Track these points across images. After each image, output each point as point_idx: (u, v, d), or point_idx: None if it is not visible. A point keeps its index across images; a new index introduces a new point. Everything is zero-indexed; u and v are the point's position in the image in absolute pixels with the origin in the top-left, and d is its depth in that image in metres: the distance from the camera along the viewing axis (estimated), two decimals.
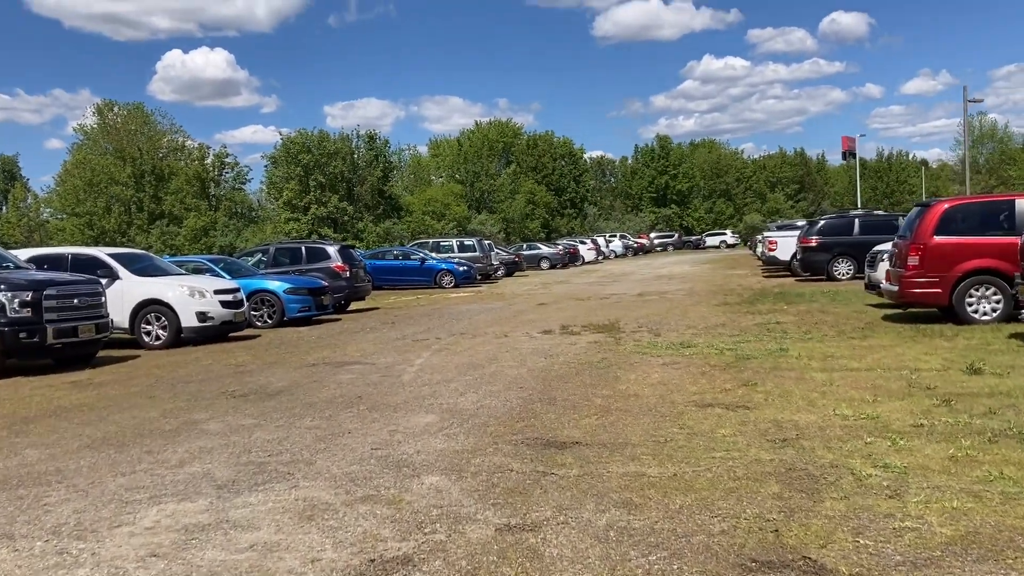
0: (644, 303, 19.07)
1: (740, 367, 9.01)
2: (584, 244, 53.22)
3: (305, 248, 21.36)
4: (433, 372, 9.83)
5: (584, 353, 10.84)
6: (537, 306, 19.85)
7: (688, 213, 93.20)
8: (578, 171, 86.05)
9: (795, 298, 18.21)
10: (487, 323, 15.98)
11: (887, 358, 9.07)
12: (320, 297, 18.01)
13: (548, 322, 15.50)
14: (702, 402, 7.15)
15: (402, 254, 31.88)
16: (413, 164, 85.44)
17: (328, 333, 15.60)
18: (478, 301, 22.82)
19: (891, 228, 23.44)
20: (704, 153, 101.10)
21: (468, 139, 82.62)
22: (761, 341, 11.12)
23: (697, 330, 12.90)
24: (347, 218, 62.42)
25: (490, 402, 7.69)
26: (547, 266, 45.43)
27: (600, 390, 8.01)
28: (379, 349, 12.52)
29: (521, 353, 11.16)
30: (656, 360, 9.89)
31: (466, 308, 20.23)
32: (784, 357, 9.54)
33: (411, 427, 6.78)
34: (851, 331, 11.67)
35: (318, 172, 61.96)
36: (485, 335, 13.79)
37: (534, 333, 13.69)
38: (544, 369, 9.61)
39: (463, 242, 34.97)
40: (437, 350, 12.01)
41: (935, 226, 11.66)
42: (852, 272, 23.23)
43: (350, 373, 10.15)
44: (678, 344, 11.18)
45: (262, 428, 7.07)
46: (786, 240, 26.86)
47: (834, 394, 7.17)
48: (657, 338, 12.08)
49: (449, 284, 29.86)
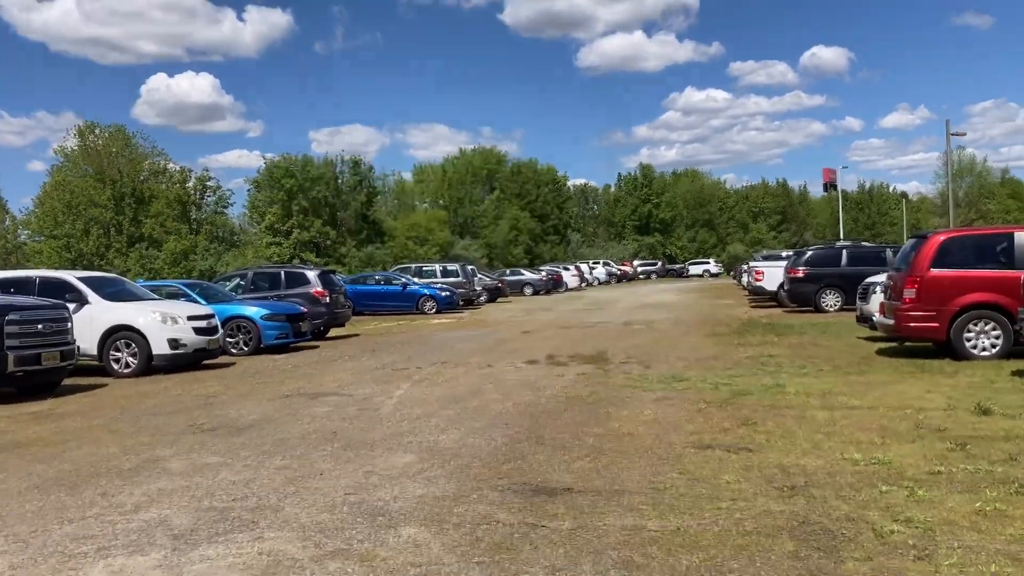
0: (631, 333, 18.67)
1: (737, 404, 8.59)
2: (568, 271, 52.85)
3: (284, 273, 20.85)
4: (413, 405, 9.35)
5: (572, 386, 10.40)
6: (521, 334, 19.40)
7: (671, 242, 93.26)
8: (561, 198, 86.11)
9: (785, 329, 17.88)
10: (470, 352, 15.51)
11: (889, 396, 8.68)
12: (298, 323, 17.49)
13: (533, 351, 15.05)
14: (701, 443, 6.71)
15: (384, 279, 31.39)
16: (397, 190, 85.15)
17: (305, 361, 15.08)
18: (461, 328, 22.35)
19: (879, 260, 23.29)
20: (687, 183, 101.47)
21: (452, 165, 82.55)
22: (756, 376, 10.72)
23: (688, 362, 12.49)
24: (329, 243, 61.96)
25: (474, 440, 7.22)
26: (530, 292, 45.02)
27: (591, 428, 7.56)
28: (357, 379, 12.02)
29: (506, 385, 10.70)
30: (648, 395, 9.45)
31: (448, 335, 19.76)
32: (782, 393, 9.13)
33: (388, 468, 6.30)
34: (847, 366, 11.30)
35: (301, 197, 61.55)
36: (468, 365, 13.32)
37: (519, 363, 13.24)
38: (531, 404, 9.15)
39: (446, 267, 34.53)
40: (417, 381, 11.53)
41: (932, 258, 11.35)
42: (840, 304, 22.97)
43: (326, 406, 9.65)
44: (670, 377, 10.76)
45: (228, 467, 6.56)
46: (773, 270, 26.59)
47: (839, 435, 6.76)
48: (647, 371, 11.66)
49: (431, 310, 29.38)
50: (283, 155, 63.04)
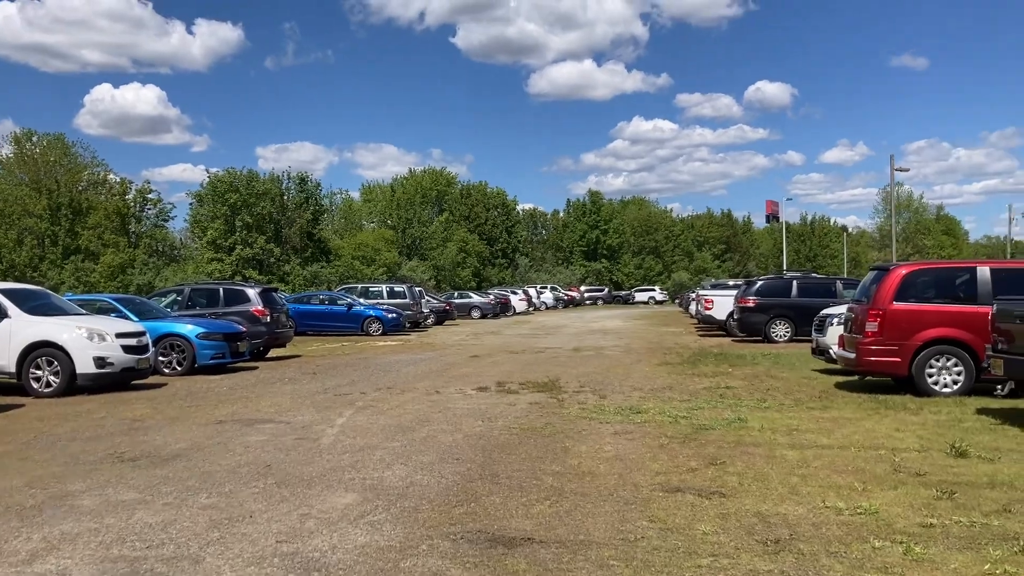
0: (583, 359, 18.21)
1: (700, 440, 8.13)
2: (516, 295, 52.42)
3: (223, 290, 19.94)
4: (356, 435, 8.70)
5: (525, 416, 9.84)
6: (470, 358, 18.81)
7: (618, 268, 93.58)
8: (511, 222, 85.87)
9: (737, 360, 17.60)
10: (417, 376, 14.87)
11: (857, 434, 8.31)
12: (236, 343, 16.64)
13: (483, 377, 14.47)
14: (669, 485, 6.21)
15: (328, 299, 30.52)
16: (344, 208, 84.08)
17: (242, 383, 14.27)
18: (407, 351, 21.66)
19: (829, 291, 23.31)
20: (634, 210, 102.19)
21: (401, 186, 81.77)
22: (716, 408, 10.30)
23: (644, 392, 12.04)
24: (273, 260, 60.62)
25: (422, 478, 6.62)
26: (478, 315, 44.44)
27: (549, 465, 7.01)
28: (296, 404, 11.30)
29: (455, 414, 10.11)
30: (606, 427, 8.95)
31: (394, 359, 19.07)
32: (745, 429, 8.71)
33: (327, 510, 5.66)
34: (808, 400, 10.96)
35: (245, 212, 60.15)
36: (415, 390, 12.69)
37: (468, 390, 12.65)
38: (482, 435, 8.57)
39: (393, 288, 33.73)
40: (361, 407, 10.86)
41: (895, 291, 11.11)
42: (790, 334, 22.89)
43: (261, 434, 8.93)
44: (627, 409, 10.28)
45: (146, 506, 5.86)
46: (723, 299, 26.48)
47: (816, 478, 6.32)
48: (603, 400, 11.17)
49: (377, 332, 28.59)
50: (227, 169, 61.55)
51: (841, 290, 23.17)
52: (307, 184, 64.47)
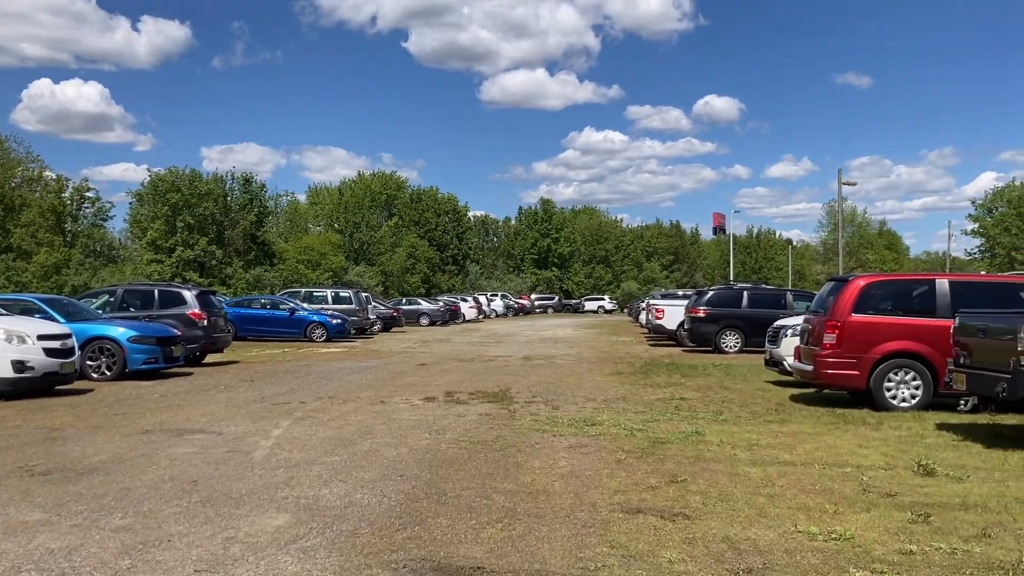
0: (533, 368, 17.78)
1: (658, 454, 7.74)
2: (466, 302, 51.86)
3: (158, 291, 19.06)
4: (292, 448, 8.12)
5: (475, 428, 9.36)
6: (417, 367, 18.24)
7: (568, 277, 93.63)
8: (461, 228, 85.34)
9: (689, 370, 17.34)
10: (361, 385, 14.27)
11: (820, 450, 8.00)
12: (170, 347, 15.84)
13: (430, 387, 13.95)
14: (628, 505, 5.78)
15: (270, 303, 29.62)
16: (290, 211, 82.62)
17: (175, 390, 13.52)
18: (352, 358, 21.00)
19: (778, 302, 23.27)
20: (585, 219, 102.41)
21: (350, 189, 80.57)
22: (671, 421, 9.94)
23: (597, 404, 11.64)
24: (215, 262, 59.14)
25: (362, 497, 6.09)
26: (427, 323, 43.80)
27: (501, 482, 6.53)
28: (231, 414, 10.64)
29: (400, 426, 9.57)
30: (560, 441, 8.51)
31: (338, 366, 18.41)
32: (704, 443, 8.35)
33: (255, 533, 5.11)
34: (765, 413, 10.67)
35: (187, 212, 58.63)
36: (358, 400, 12.11)
37: (415, 400, 12.11)
38: (429, 449, 8.06)
39: (338, 293, 32.92)
40: (300, 418, 10.26)
41: (854, 303, 10.89)
42: (740, 345, 22.78)
43: (190, 445, 8.30)
44: (580, 421, 9.86)
45: (52, 528, 5.24)
46: (674, 309, 26.33)
47: (783, 499, 5.96)
48: (555, 412, 10.73)
49: (320, 338, 27.82)
50: (169, 168, 59.95)
51: (791, 301, 23.16)
52: (252, 185, 63.18)
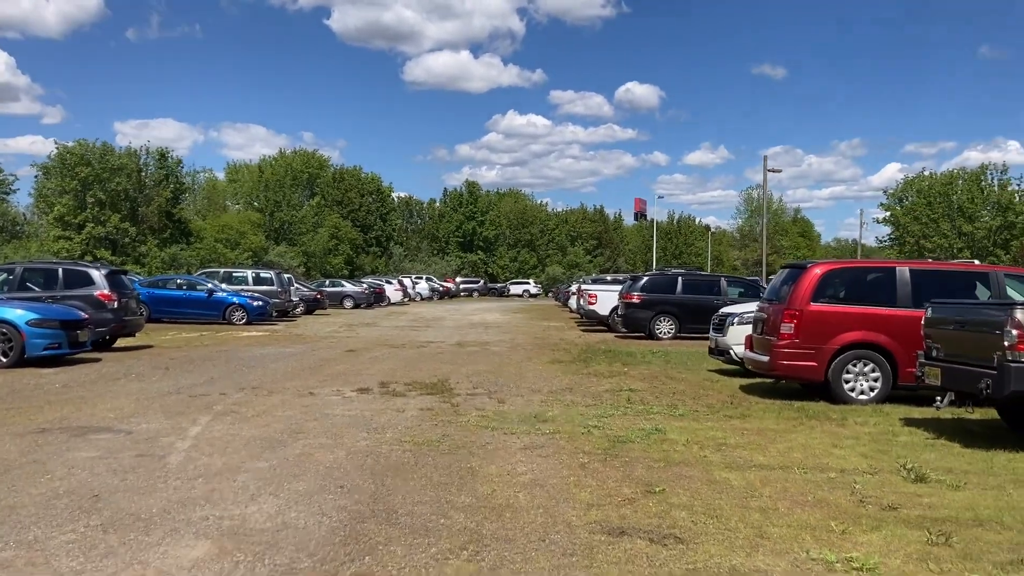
0: (469, 356, 16.97)
1: (623, 457, 7.06)
2: (390, 284, 50.62)
3: (63, 270, 17.51)
4: (213, 451, 7.16)
5: (418, 426, 8.53)
6: (346, 353, 17.24)
7: (494, 260, 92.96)
8: (385, 209, 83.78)
9: (628, 358, 16.81)
10: (287, 374, 13.25)
11: (793, 451, 7.44)
12: (75, 331, 14.49)
13: (363, 376, 13.03)
14: (609, 524, 5.06)
15: (187, 284, 28.01)
16: (208, 188, 79.60)
17: (79, 379, 12.28)
18: (275, 343, 19.84)
19: (713, 288, 22.98)
20: (510, 202, 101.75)
21: (270, 166, 78.03)
22: (626, 416, 9.30)
23: (544, 396, 10.93)
24: (128, 240, 56.41)
25: (298, 516, 5.21)
26: (351, 305, 42.50)
27: (457, 495, 5.74)
28: (142, 408, 9.56)
29: (335, 423, 8.67)
30: (513, 441, 7.76)
31: (261, 352, 17.28)
32: (668, 443, 7.71)
33: (169, 570, 4.21)
34: (721, 407, 10.12)
35: (98, 188, 55.71)
36: (284, 391, 11.13)
37: (347, 392, 11.19)
38: (370, 452, 7.20)
39: (259, 274, 31.42)
40: (221, 413, 9.26)
41: (812, 291, 10.42)
42: (674, 331, 22.41)
43: (93, 448, 7.25)
44: (531, 416, 9.13)
45: None
46: (606, 294, 25.83)
47: (777, 514, 5.33)
48: (502, 406, 9.97)
49: (240, 320, 26.43)
50: (79, 140, 56.78)
51: (725, 287, 22.91)
52: (167, 160, 60.52)
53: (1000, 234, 65.53)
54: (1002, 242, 65.32)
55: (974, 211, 66.99)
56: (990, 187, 68.00)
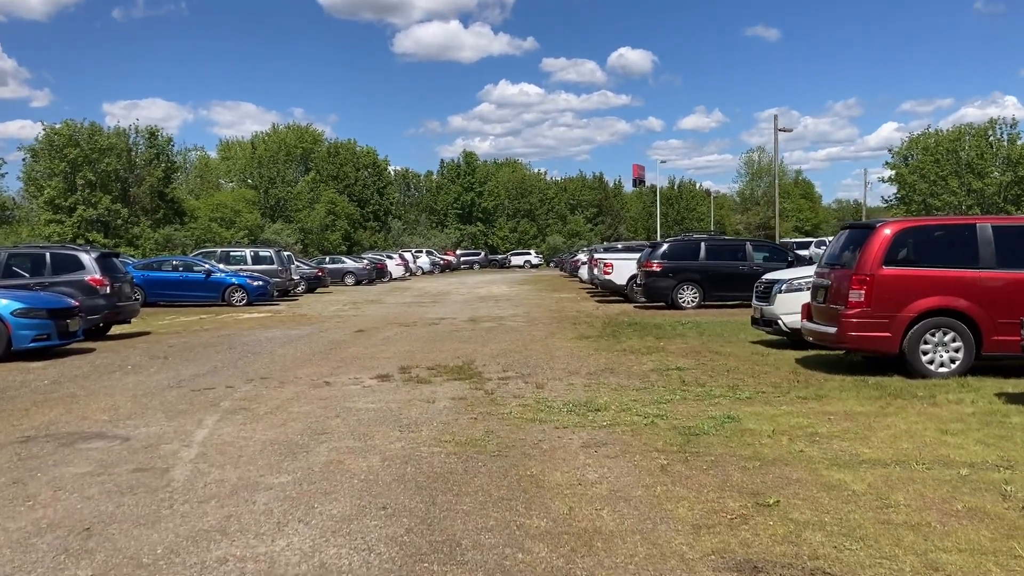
0: (488, 334, 15.91)
1: (706, 455, 6.02)
2: (392, 259, 49.47)
3: (50, 255, 16.36)
4: (225, 461, 6.10)
5: (454, 420, 7.48)
6: (356, 334, 16.18)
7: (493, 231, 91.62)
8: (382, 183, 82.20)
9: (657, 330, 15.75)
10: (297, 360, 12.19)
11: (899, 439, 6.39)
12: (65, 321, 13.39)
13: (379, 360, 11.97)
14: (732, 556, 4.01)
15: (183, 265, 26.86)
16: (200, 166, 78.03)
17: (71, 373, 11.21)
18: (279, 325, 18.76)
19: (738, 254, 21.88)
20: (508, 172, 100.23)
21: (263, 142, 76.41)
22: (686, 401, 8.25)
23: (584, 378, 9.88)
24: (121, 222, 55.07)
25: (339, 553, 4.16)
26: (352, 282, 41.38)
27: (528, 516, 4.68)
28: (140, 407, 8.50)
29: (360, 420, 7.62)
30: (570, 437, 6.71)
31: (265, 335, 16.21)
32: (750, 435, 6.66)
33: None
34: (788, 385, 9.07)
35: (87, 169, 54.31)
36: (297, 381, 10.08)
37: (367, 379, 10.14)
38: (408, 457, 6.15)
39: (258, 253, 30.23)
40: (229, 411, 8.20)
41: (884, 253, 9.33)
42: (698, 300, 21.33)
43: (84, 461, 6.20)
44: (579, 405, 8.07)
45: None
46: (624, 263, 24.70)
47: (934, 532, 4.28)
48: (541, 392, 8.92)
49: (240, 302, 25.33)
50: (66, 121, 55.25)
51: (751, 252, 21.81)
52: (158, 139, 58.92)
53: (1011, 190, 64.31)
54: (1013, 198, 64.15)
55: (983, 167, 65.70)
56: (999, 142, 66.69)
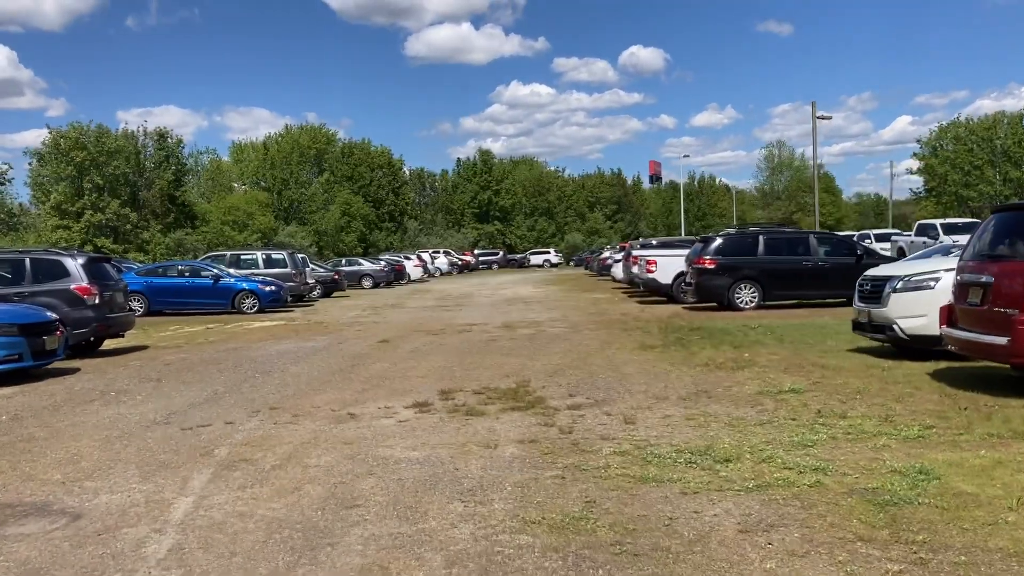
0: (532, 343, 13.76)
1: (934, 544, 3.88)
2: (410, 260, 47.39)
3: (30, 261, 14.27)
4: (210, 565, 4.00)
5: (534, 482, 5.35)
6: (380, 345, 14.09)
7: (511, 230, 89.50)
8: (397, 183, 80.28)
9: (726, 336, 13.61)
10: (313, 381, 10.11)
11: None
12: (41, 338, 11.34)
13: (411, 380, 9.87)
14: None
15: (190, 270, 24.85)
16: (212, 169, 76.28)
17: (39, 404, 9.17)
18: (293, 335, 16.71)
19: (801, 248, 19.65)
20: (525, 170, 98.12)
21: (276, 144, 74.49)
22: (836, 441, 6.09)
23: (677, 405, 7.73)
24: (130, 227, 53.29)
25: None
26: (370, 285, 39.31)
27: None
28: (109, 457, 6.42)
29: (403, 481, 5.50)
30: (712, 513, 4.57)
31: (277, 349, 14.15)
32: (975, 503, 4.53)
33: None
34: (957, 415, 6.87)
35: (95, 172, 52.58)
36: (315, 414, 7.99)
37: (401, 409, 8.04)
38: (485, 560, 4.02)
39: (270, 256, 28.15)
40: (225, 465, 6.11)
41: None
42: (757, 300, 19.11)
43: (4, 557, 4.12)
44: (698, 453, 5.91)
45: None
46: (669, 260, 22.48)
47: None
48: (633, 429, 6.78)
49: (252, 309, 23.30)
50: (72, 124, 53.55)
51: (816, 246, 19.58)
52: (167, 141, 57.20)
53: None
54: None
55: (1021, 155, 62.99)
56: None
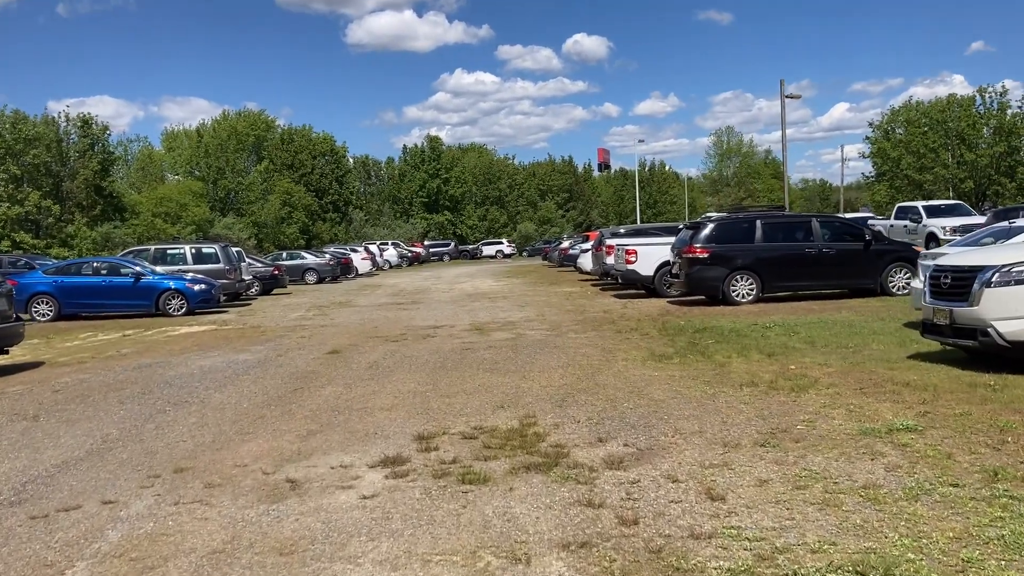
0: (516, 353, 11.32)
1: None
2: (357, 253, 44.53)
3: None
4: None
5: None
6: (329, 358, 11.54)
7: (462, 220, 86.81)
8: (341, 171, 76.89)
9: (741, 339, 11.46)
10: (241, 420, 7.55)
11: None
12: None
13: (374, 415, 7.40)
14: None
15: (107, 267, 21.81)
16: (143, 158, 72.15)
17: None
18: (223, 344, 14.03)
19: (801, 233, 17.56)
20: (475, 157, 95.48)
21: (212, 130, 70.67)
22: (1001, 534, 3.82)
23: (758, 455, 5.40)
24: (52, 220, 49.43)
25: None
26: (314, 280, 36.42)
27: None
28: None
29: None
30: None
31: (200, 366, 11.50)
32: None
33: None
34: None
35: (11, 162, 48.62)
36: (236, 483, 5.49)
37: (361, 468, 5.59)
38: None
39: (200, 250, 25.06)
40: None
41: None
42: (755, 292, 16.96)
43: None
44: (850, 567, 3.60)
45: None
46: (652, 250, 20.22)
47: None
48: (721, 508, 4.42)
49: (179, 311, 20.44)
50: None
51: (819, 230, 17.49)
52: (92, 128, 53.27)
53: (1004, 160, 61.14)
54: (1007, 169, 61.05)
55: (975, 138, 62.45)
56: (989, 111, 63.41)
